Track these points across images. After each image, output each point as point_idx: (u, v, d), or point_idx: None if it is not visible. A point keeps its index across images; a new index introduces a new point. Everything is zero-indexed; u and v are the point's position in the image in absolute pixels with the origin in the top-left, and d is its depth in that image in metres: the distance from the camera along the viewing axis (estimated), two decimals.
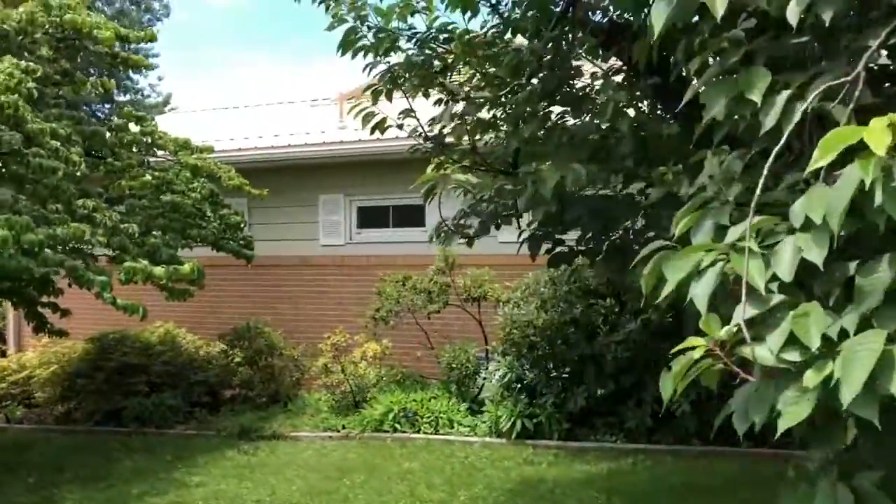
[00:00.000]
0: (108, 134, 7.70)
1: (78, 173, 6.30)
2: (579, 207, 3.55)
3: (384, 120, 4.34)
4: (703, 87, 2.32)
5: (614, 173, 3.38)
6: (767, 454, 6.45)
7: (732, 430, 1.94)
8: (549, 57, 4.30)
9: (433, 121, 4.26)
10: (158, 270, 6.78)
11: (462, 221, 3.52)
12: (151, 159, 8.37)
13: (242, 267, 9.72)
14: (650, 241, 4.16)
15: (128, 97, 28.14)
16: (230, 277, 10.78)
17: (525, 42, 4.89)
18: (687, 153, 2.79)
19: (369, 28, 4.02)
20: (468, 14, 4.84)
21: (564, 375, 7.00)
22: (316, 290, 10.74)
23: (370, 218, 10.58)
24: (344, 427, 7.91)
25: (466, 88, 4.34)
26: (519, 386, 7.23)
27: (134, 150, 8.18)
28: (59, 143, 6.11)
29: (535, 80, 3.97)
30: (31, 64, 5.16)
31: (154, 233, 7.69)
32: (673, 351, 1.94)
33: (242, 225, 8.56)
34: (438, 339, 8.64)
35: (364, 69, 4.17)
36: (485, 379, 8.15)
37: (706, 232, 2.10)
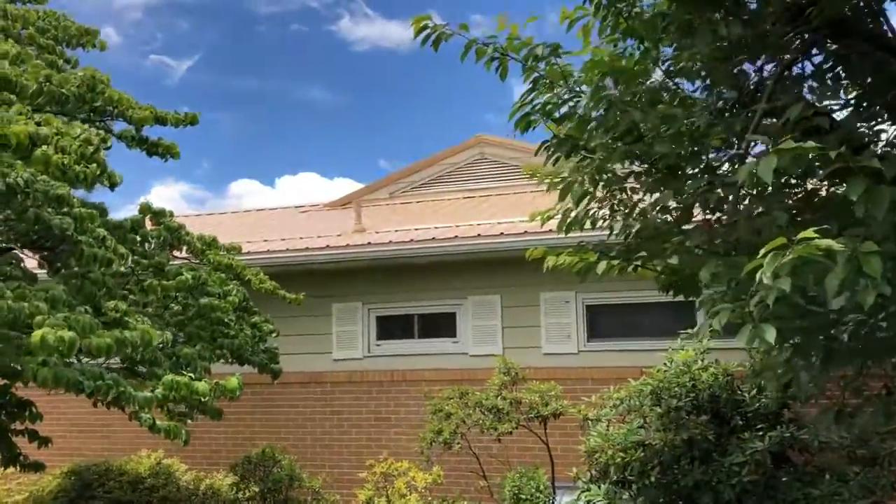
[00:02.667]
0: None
1: (122, 269, 5.26)
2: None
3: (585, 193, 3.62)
4: None
5: None
6: None
7: None
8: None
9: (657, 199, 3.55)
10: (202, 386, 5.64)
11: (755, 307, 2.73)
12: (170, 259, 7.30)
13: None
14: None
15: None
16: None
17: None
18: None
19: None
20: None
21: None
22: (328, 410, 9.54)
23: (392, 328, 9.60)
24: None
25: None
26: None
27: (146, 247, 7.13)
28: (105, 232, 5.09)
29: None
30: (101, 131, 4.24)
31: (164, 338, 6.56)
32: None
33: (275, 335, 7.48)
34: (494, 465, 7.60)
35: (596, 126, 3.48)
36: None
37: None
